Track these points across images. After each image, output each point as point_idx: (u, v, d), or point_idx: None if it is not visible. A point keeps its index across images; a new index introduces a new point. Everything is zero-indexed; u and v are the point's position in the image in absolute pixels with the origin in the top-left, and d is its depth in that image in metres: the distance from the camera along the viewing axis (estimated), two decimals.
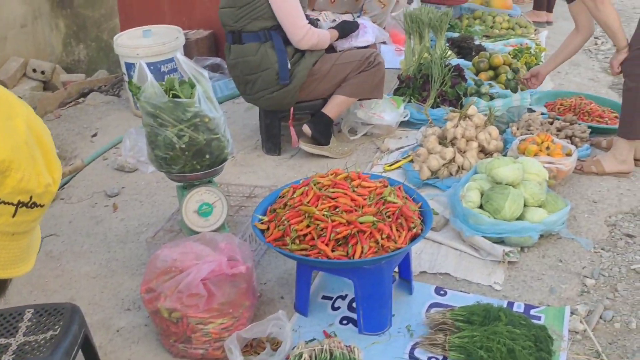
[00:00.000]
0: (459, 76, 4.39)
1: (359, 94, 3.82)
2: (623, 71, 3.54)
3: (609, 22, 3.46)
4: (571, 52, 3.97)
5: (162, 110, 2.56)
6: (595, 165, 3.67)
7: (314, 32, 3.64)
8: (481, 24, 6.15)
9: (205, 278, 2.37)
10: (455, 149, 3.60)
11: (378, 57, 3.82)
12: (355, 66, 3.74)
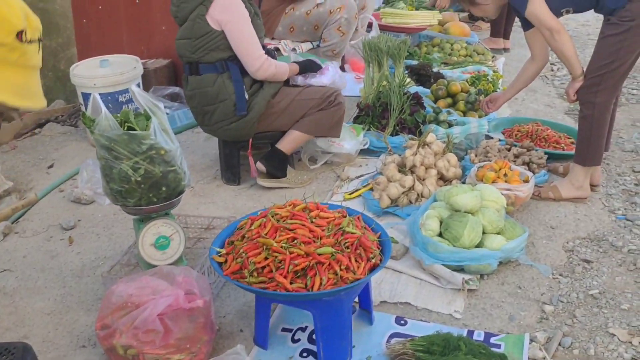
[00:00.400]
0: (417, 104, 4.42)
1: (316, 131, 3.82)
2: (579, 99, 3.59)
3: (565, 51, 3.52)
4: (528, 80, 4.01)
5: (116, 143, 2.52)
6: (552, 191, 3.71)
7: (271, 63, 3.64)
8: (439, 51, 6.22)
9: (162, 313, 2.33)
10: (414, 177, 3.61)
11: (339, 97, 3.82)
12: (315, 103, 3.73)
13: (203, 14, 3.52)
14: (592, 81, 3.50)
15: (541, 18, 3.48)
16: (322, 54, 5.26)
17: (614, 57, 3.40)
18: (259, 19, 3.75)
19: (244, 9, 3.57)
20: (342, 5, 5.13)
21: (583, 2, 3.49)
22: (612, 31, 3.39)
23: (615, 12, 3.36)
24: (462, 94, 4.79)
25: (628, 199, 3.78)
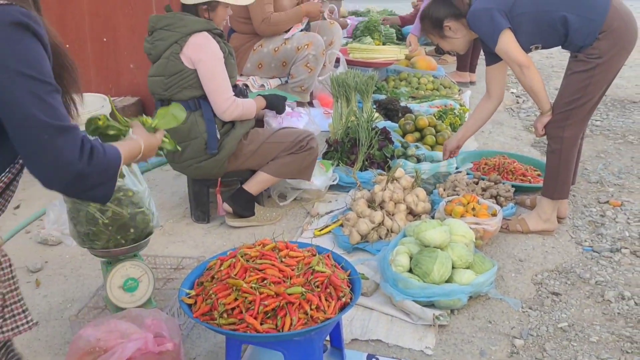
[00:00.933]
0: (385, 139, 4.46)
1: (284, 174, 3.81)
2: (547, 133, 3.65)
3: (534, 87, 3.57)
4: (483, 120, 4.07)
5: None
6: (520, 224, 3.75)
7: (238, 105, 3.65)
8: (407, 85, 6.30)
9: (130, 358, 2.30)
10: (384, 212, 3.63)
11: (311, 141, 3.81)
12: (285, 147, 3.73)
13: (177, 52, 3.53)
14: (560, 116, 3.56)
15: (511, 53, 3.53)
16: (290, 89, 5.30)
17: (581, 93, 3.47)
18: (233, 59, 3.77)
19: (217, 49, 3.58)
20: (310, 42, 5.18)
21: (552, 39, 3.56)
22: (580, 68, 3.45)
23: (583, 49, 3.43)
24: (430, 128, 4.84)
25: (594, 230, 3.83)
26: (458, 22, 3.76)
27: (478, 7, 3.59)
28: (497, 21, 3.49)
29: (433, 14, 3.83)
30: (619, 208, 4.11)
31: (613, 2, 3.36)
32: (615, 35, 3.35)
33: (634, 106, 6.46)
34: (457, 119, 5.17)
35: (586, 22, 3.36)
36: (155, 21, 3.63)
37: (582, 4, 3.38)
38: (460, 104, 5.75)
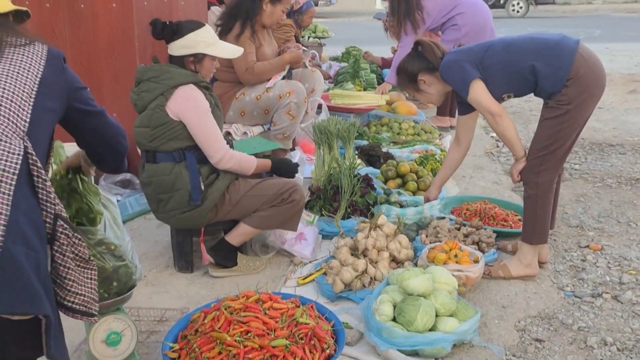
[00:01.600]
0: (368, 185, 4.49)
1: (266, 226, 3.82)
2: (522, 179, 3.71)
3: (507, 134, 3.66)
4: (454, 168, 4.21)
5: None
6: (502, 269, 3.78)
7: (233, 155, 3.66)
8: (388, 130, 6.37)
9: None
10: (367, 260, 3.64)
11: (295, 193, 3.78)
12: (266, 200, 3.73)
13: (162, 104, 3.56)
14: (534, 162, 3.63)
15: (483, 103, 3.62)
16: (272, 137, 5.34)
17: (553, 139, 3.55)
18: (219, 110, 3.80)
19: (204, 101, 3.62)
20: (292, 90, 5.25)
21: (523, 88, 3.66)
22: (551, 114, 3.54)
23: (553, 96, 3.52)
24: (412, 174, 4.89)
25: (575, 275, 3.86)
26: (432, 75, 3.87)
27: (449, 59, 3.73)
28: (468, 72, 3.62)
29: (408, 68, 3.94)
30: (599, 252, 4.15)
31: (579, 50, 3.48)
32: (583, 82, 3.46)
33: (612, 149, 6.56)
34: (438, 165, 5.23)
35: (554, 69, 3.47)
36: (142, 72, 3.66)
37: (549, 53, 3.51)
38: (441, 149, 5.82)
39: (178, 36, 3.70)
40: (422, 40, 3.94)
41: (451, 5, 6.50)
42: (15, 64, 2.01)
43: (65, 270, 2.00)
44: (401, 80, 4.05)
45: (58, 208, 1.98)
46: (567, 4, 25.74)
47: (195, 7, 5.68)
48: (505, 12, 23.71)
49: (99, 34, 4.89)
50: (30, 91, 2.00)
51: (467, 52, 3.72)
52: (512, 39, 3.72)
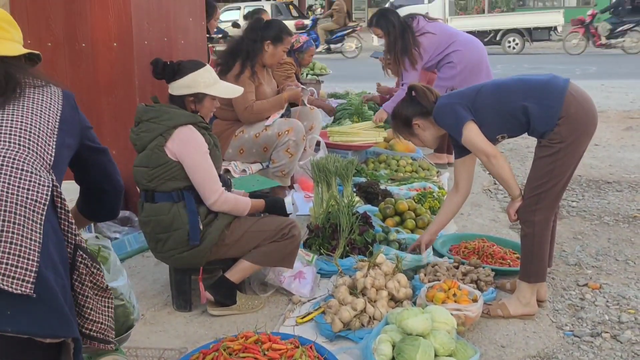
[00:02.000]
0: (366, 223, 4.50)
1: (266, 262, 3.83)
2: (519, 218, 3.73)
3: (502, 175, 3.69)
4: (453, 213, 4.20)
5: None
6: (501, 308, 3.77)
7: (227, 199, 3.68)
8: (386, 167, 6.40)
9: None
10: (365, 299, 3.64)
11: (294, 229, 3.80)
12: (267, 236, 3.73)
13: (162, 144, 3.59)
14: (529, 201, 3.65)
15: (477, 144, 3.66)
16: (271, 174, 5.37)
17: (548, 177, 3.58)
18: (217, 150, 3.83)
19: (202, 142, 3.64)
20: (290, 127, 5.29)
21: (516, 128, 3.70)
22: (544, 153, 3.58)
23: (546, 135, 3.56)
24: (410, 212, 4.91)
25: (574, 314, 3.86)
26: (426, 120, 3.91)
27: (442, 103, 3.79)
28: (460, 114, 3.67)
29: (402, 113, 3.99)
30: (597, 291, 4.15)
31: (569, 89, 3.53)
32: (574, 120, 3.50)
33: (609, 187, 6.59)
34: (436, 202, 5.25)
35: (545, 109, 3.52)
36: (142, 112, 3.70)
37: (539, 93, 3.56)
38: (439, 187, 5.84)
39: (179, 76, 3.74)
40: (416, 85, 3.99)
41: (447, 42, 6.59)
42: (38, 102, 2.15)
43: (84, 299, 2.09)
44: (396, 125, 4.09)
45: (78, 239, 2.10)
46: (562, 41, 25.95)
47: (195, 47, 5.74)
48: (501, 49, 23.92)
49: (99, 73, 4.94)
50: (53, 128, 2.13)
51: (459, 95, 3.79)
52: (502, 80, 3.79)
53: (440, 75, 6.76)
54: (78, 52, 4.92)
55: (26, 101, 2.12)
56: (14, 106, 2.10)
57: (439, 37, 6.58)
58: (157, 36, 5.15)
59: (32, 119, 2.08)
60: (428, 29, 6.62)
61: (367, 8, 37.27)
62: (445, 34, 6.68)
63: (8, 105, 2.09)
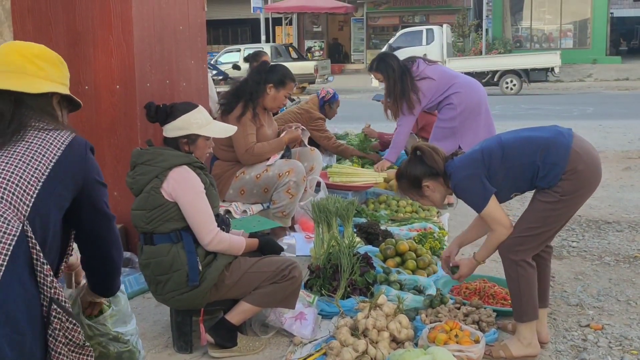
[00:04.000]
0: (367, 264, 4.51)
1: (267, 304, 3.82)
2: (500, 255, 3.80)
3: (497, 244, 3.78)
4: (482, 233, 4.14)
5: None
6: (503, 350, 3.76)
7: (223, 239, 3.69)
8: (386, 208, 6.42)
9: None
10: (367, 340, 3.63)
11: (294, 270, 3.80)
12: (267, 277, 3.73)
13: (158, 186, 3.61)
14: (515, 240, 3.68)
15: (498, 218, 3.70)
16: (272, 215, 5.38)
17: (541, 223, 3.64)
18: (214, 189, 3.86)
19: (198, 182, 3.68)
20: (291, 168, 5.32)
21: (525, 186, 3.74)
22: (544, 198, 3.62)
23: (550, 187, 3.61)
24: (411, 252, 4.91)
25: (577, 355, 3.84)
26: (436, 181, 3.88)
27: (464, 176, 3.74)
28: (487, 188, 3.67)
29: (410, 174, 3.93)
30: (600, 331, 4.13)
31: (573, 146, 3.57)
32: (579, 177, 3.55)
33: (609, 227, 6.61)
34: (436, 243, 5.26)
35: (550, 167, 3.57)
36: (136, 156, 3.74)
37: (544, 151, 3.59)
38: (439, 227, 5.86)
39: (171, 118, 3.79)
40: (421, 146, 3.96)
41: (446, 85, 6.69)
42: (33, 147, 2.09)
43: (56, 356, 2.01)
44: (403, 186, 4.02)
45: (54, 292, 2.01)
46: (559, 82, 26.20)
47: (197, 89, 5.81)
48: (499, 90, 24.14)
49: (102, 115, 5.00)
50: (40, 175, 2.06)
51: (472, 163, 3.74)
52: (506, 140, 3.77)
53: (440, 117, 6.84)
54: (81, 94, 4.97)
55: (21, 146, 2.08)
56: (6, 151, 2.07)
57: (437, 82, 6.69)
58: (159, 79, 5.22)
59: (16, 166, 2.03)
60: (427, 73, 6.72)
61: (366, 50, 37.64)
62: (444, 78, 6.78)
63: (2, 149, 2.07)
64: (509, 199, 3.80)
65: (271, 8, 32.83)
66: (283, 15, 35.38)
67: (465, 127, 6.76)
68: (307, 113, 7.36)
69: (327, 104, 7.68)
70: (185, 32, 5.59)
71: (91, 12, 4.91)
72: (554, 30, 35.89)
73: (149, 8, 5.09)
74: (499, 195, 3.71)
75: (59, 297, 2.02)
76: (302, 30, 38.50)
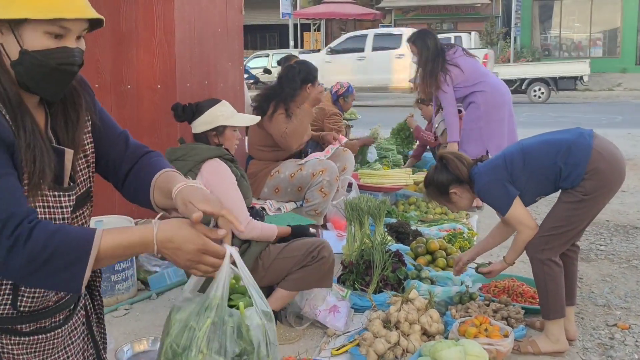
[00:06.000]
0: (399, 261, 4.63)
1: (302, 287, 3.97)
2: (528, 254, 3.92)
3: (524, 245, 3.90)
4: (501, 240, 4.28)
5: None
6: (531, 345, 3.86)
7: (254, 226, 3.86)
8: (416, 209, 6.54)
9: None
10: (399, 332, 3.75)
11: (324, 250, 3.93)
12: (296, 261, 3.87)
13: (196, 173, 3.79)
14: (541, 239, 3.80)
15: (523, 220, 3.83)
16: (305, 213, 5.53)
17: (565, 222, 3.75)
18: (245, 181, 4.02)
19: (230, 174, 3.85)
20: (324, 168, 5.47)
21: (549, 188, 3.86)
22: (568, 199, 3.74)
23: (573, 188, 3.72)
24: (441, 251, 5.03)
25: (604, 352, 3.92)
26: (462, 187, 4.04)
27: (486, 181, 3.90)
28: (510, 191, 3.81)
29: (438, 182, 4.10)
30: (627, 331, 4.21)
31: (594, 146, 3.67)
32: (602, 176, 3.65)
33: (637, 232, 6.65)
34: (466, 243, 5.36)
35: (571, 167, 3.68)
36: (170, 154, 3.92)
37: (566, 153, 3.70)
38: (468, 228, 5.96)
39: (198, 114, 3.98)
40: (446, 155, 4.12)
41: (473, 81, 6.84)
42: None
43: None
44: (431, 193, 4.20)
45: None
46: (588, 90, 26.03)
47: (234, 90, 5.98)
48: (527, 98, 24.04)
49: (143, 113, 5.18)
50: None
51: (494, 169, 3.89)
52: (527, 145, 3.92)
53: (465, 118, 7.00)
54: (123, 93, 5.17)
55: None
56: None
57: (465, 76, 6.86)
58: (199, 79, 5.39)
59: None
60: (459, 62, 6.88)
61: None
62: (473, 73, 6.94)
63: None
64: (534, 202, 3.92)
65: (300, 14, 33.03)
66: (311, 21, 35.61)
67: (492, 129, 6.88)
68: (322, 111, 7.44)
69: (341, 98, 7.85)
70: (223, 34, 5.76)
71: (134, 13, 5.10)
72: (583, 39, 35.69)
73: (190, 10, 5.27)
74: (524, 198, 3.83)
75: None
76: (330, 36, 38.62)
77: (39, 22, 1.71)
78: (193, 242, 1.79)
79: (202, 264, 1.82)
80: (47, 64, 1.75)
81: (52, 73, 1.78)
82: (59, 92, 1.87)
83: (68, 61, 1.80)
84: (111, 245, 1.73)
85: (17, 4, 1.69)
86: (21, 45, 1.73)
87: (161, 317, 4.33)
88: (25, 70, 1.75)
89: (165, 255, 1.80)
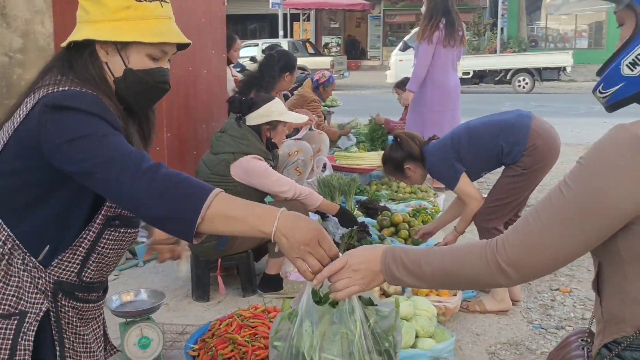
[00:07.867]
0: (364, 231, 5.06)
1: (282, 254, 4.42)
2: (476, 224, 4.37)
3: (472, 216, 4.34)
4: (454, 215, 4.72)
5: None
6: (478, 304, 4.32)
7: (303, 188, 4.34)
8: (387, 188, 6.98)
9: None
10: None
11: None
12: None
13: (229, 161, 4.21)
14: (487, 210, 4.26)
15: (470, 193, 4.29)
16: None
17: (506, 194, 4.21)
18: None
19: (261, 164, 4.26)
20: (299, 148, 5.91)
21: (492, 165, 4.34)
22: (509, 173, 4.21)
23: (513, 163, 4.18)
24: (404, 223, 5.47)
25: (544, 311, 4.39)
26: (415, 163, 4.45)
27: (435, 160, 4.33)
28: (456, 168, 4.25)
29: (393, 159, 4.53)
30: (567, 294, 4.68)
31: (532, 126, 4.10)
32: (539, 153, 4.09)
33: None
34: (429, 217, 5.80)
35: (512, 145, 4.12)
36: (229, 126, 4.35)
37: (507, 132, 4.14)
38: (433, 205, 6.41)
39: (255, 108, 4.36)
40: (399, 134, 4.58)
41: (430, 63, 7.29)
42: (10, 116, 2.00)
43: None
44: (388, 169, 4.65)
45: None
46: (572, 81, 26.40)
47: (216, 76, 6.37)
48: (512, 88, 24.37)
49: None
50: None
51: (443, 149, 4.32)
52: (473, 125, 4.37)
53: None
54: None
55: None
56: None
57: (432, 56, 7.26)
58: (183, 65, 5.79)
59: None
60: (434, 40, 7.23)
61: (382, 47, 38.07)
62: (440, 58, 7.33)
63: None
64: (480, 177, 4.39)
65: (289, 4, 33.28)
66: (301, 11, 35.90)
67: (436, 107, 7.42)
68: (302, 97, 7.89)
69: (321, 86, 8.30)
70: (207, 24, 6.16)
71: None
72: (569, 31, 36.17)
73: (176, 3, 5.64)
74: (470, 174, 4.28)
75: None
76: (319, 26, 38.98)
77: (143, 45, 1.98)
78: (315, 229, 1.80)
79: (312, 256, 1.79)
80: (147, 82, 2.01)
81: (150, 89, 2.05)
82: (150, 106, 2.18)
83: (163, 80, 2.07)
84: (229, 199, 1.82)
85: (127, 28, 1.94)
86: (126, 65, 1.98)
87: (148, 282, 4.78)
88: (127, 85, 2.00)
89: (281, 236, 1.77)
